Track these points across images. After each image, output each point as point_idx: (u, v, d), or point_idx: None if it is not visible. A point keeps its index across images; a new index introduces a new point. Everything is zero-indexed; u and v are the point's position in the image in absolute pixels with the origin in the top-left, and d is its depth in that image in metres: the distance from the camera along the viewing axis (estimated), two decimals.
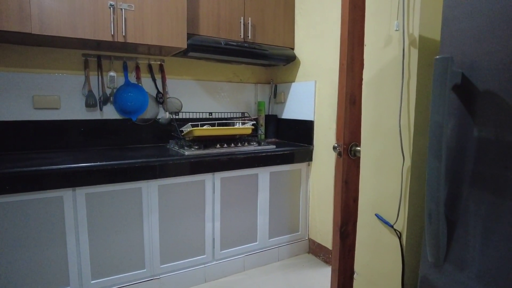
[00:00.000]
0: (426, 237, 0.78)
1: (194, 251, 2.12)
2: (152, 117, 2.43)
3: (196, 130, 2.10)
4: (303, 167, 2.53)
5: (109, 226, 1.83)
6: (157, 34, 1.98)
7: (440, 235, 0.76)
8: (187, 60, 2.55)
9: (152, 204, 1.93)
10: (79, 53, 2.15)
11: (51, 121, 2.10)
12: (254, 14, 2.41)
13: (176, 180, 1.99)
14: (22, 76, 2.01)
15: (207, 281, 2.18)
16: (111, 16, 1.83)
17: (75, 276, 1.76)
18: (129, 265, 1.91)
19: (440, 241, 0.76)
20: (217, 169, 2.10)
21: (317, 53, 2.41)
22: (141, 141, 2.41)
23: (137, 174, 1.84)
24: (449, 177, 0.77)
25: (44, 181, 1.61)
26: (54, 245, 1.70)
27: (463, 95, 0.73)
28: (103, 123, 2.26)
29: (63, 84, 2.12)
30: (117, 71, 2.26)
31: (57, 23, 1.72)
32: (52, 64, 2.09)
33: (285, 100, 2.77)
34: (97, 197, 1.78)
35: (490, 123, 0.69)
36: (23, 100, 2.02)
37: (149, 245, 1.95)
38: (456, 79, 0.73)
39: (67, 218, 1.71)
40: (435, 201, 0.74)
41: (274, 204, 2.41)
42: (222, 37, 2.29)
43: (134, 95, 2.29)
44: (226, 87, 2.75)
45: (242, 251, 2.31)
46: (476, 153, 0.72)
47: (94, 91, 2.18)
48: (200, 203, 2.10)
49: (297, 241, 2.57)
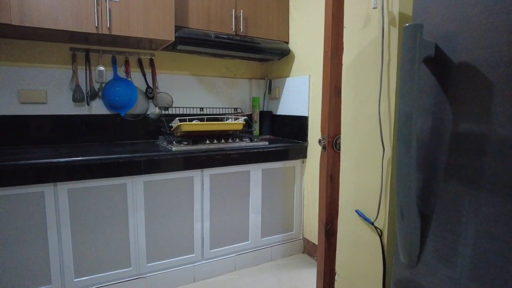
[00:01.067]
0: (397, 236, 0.70)
1: (183, 250, 2.06)
2: (142, 112, 2.38)
3: (184, 125, 2.04)
4: (297, 164, 2.45)
5: (93, 222, 1.78)
6: (144, 26, 1.93)
7: (413, 232, 0.68)
8: (178, 55, 2.50)
9: (138, 201, 1.88)
10: (67, 47, 2.11)
11: (37, 116, 2.06)
12: (247, 7, 2.35)
13: (162, 176, 1.94)
14: (7, 69, 1.97)
15: (196, 280, 2.12)
16: (95, 8, 1.78)
17: (57, 274, 1.71)
18: (114, 263, 1.86)
19: (412, 239, 0.68)
20: (206, 166, 2.04)
21: (311, 47, 2.34)
22: (130, 137, 2.36)
23: (121, 169, 1.79)
24: (423, 167, 0.69)
25: (24, 175, 1.57)
26: (35, 242, 1.65)
27: (437, 69, 0.65)
28: (91, 118, 2.22)
29: (50, 78, 2.08)
30: (106, 65, 2.21)
31: (38, 14, 1.67)
32: (38, 58, 2.06)
33: (280, 95, 2.70)
34: (80, 193, 1.73)
35: (466, 102, 0.61)
36: (8, 94, 1.99)
37: (135, 243, 1.90)
38: (428, 50, 0.65)
39: (48, 214, 1.67)
40: (407, 194, 0.66)
41: (266, 202, 2.34)
42: (213, 30, 2.23)
43: (123, 90, 2.24)
44: (220, 82, 2.69)
45: (233, 250, 2.24)
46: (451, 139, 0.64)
47: (82, 86, 2.14)
48: (188, 200, 2.04)
49: (291, 240, 2.49)
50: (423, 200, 0.70)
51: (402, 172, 0.66)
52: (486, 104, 0.59)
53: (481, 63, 0.59)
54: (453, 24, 0.62)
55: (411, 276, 0.74)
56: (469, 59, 0.61)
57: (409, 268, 0.73)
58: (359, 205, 1.05)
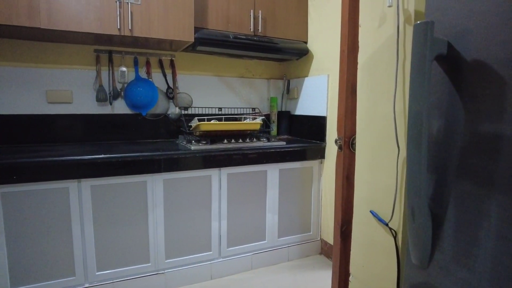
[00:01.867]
0: (409, 237, 0.69)
1: (200, 247, 2.09)
2: (162, 112, 2.43)
3: (203, 125, 2.07)
4: (315, 164, 2.44)
5: (114, 218, 1.84)
6: (164, 28, 1.98)
7: (424, 233, 0.66)
8: (198, 56, 2.54)
9: (157, 198, 1.93)
10: (91, 49, 2.19)
11: (63, 115, 2.15)
12: (265, 7, 2.36)
13: (181, 174, 1.98)
14: (36, 71, 2.07)
15: (213, 278, 2.15)
16: (117, 10, 1.84)
17: (81, 267, 1.78)
18: (133, 259, 1.91)
19: (424, 240, 0.67)
20: (224, 165, 2.06)
21: (330, 46, 2.32)
22: (151, 136, 2.42)
23: (142, 167, 1.84)
24: (434, 167, 0.68)
25: (50, 172, 1.64)
26: (60, 236, 1.73)
27: (449, 67, 0.63)
28: (114, 117, 2.29)
29: (75, 79, 2.17)
30: (128, 66, 2.28)
31: (65, 18, 1.75)
32: (65, 60, 2.15)
33: (298, 95, 2.69)
34: (102, 189, 1.80)
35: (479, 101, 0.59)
36: (37, 94, 2.08)
37: (154, 239, 1.95)
38: (440, 48, 0.63)
39: (72, 210, 1.74)
40: (418, 194, 0.65)
41: (283, 202, 2.34)
42: (231, 30, 2.25)
43: (144, 90, 2.30)
44: (238, 82, 2.71)
45: (250, 249, 2.26)
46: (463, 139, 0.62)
47: (105, 86, 2.22)
48: (206, 199, 2.07)
49: (308, 241, 2.48)
50: (434, 201, 0.69)
51: (413, 172, 0.65)
52: (500, 102, 0.57)
53: (496, 61, 0.57)
54: (466, 20, 0.61)
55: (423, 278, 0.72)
56: (483, 57, 0.59)
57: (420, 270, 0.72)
58: (373, 206, 1.03)
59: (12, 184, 1.60)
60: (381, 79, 0.97)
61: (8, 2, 1.64)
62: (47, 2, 1.71)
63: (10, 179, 1.58)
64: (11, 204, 1.62)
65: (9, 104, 2.03)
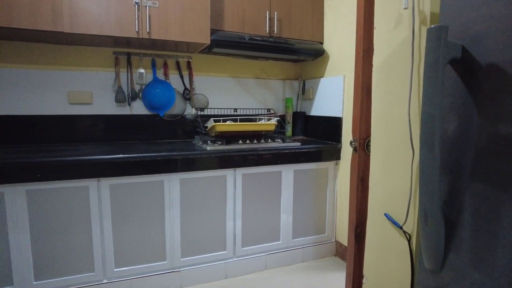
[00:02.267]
0: (421, 240, 0.68)
1: (215, 246, 2.12)
2: (179, 113, 2.47)
3: (218, 126, 2.10)
4: (330, 166, 2.42)
5: (132, 216, 1.88)
6: (181, 30, 2.01)
7: (437, 237, 0.66)
8: (214, 57, 2.57)
9: (174, 197, 1.96)
10: (110, 51, 2.26)
11: (84, 115, 2.22)
12: (281, 8, 2.36)
13: (197, 174, 2.01)
14: (59, 73, 2.15)
15: (228, 277, 2.17)
16: (135, 14, 1.89)
17: (99, 263, 1.84)
18: (150, 256, 1.95)
19: (437, 244, 0.66)
20: (239, 165, 2.08)
21: (346, 47, 2.30)
22: (168, 136, 2.47)
23: (159, 167, 1.88)
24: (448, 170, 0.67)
25: (71, 171, 1.70)
26: (80, 233, 1.79)
27: (463, 71, 0.62)
28: (132, 118, 2.35)
29: (95, 81, 2.23)
30: (146, 68, 2.33)
31: (86, 22, 1.81)
32: (85, 62, 2.21)
33: (313, 96, 2.68)
34: (120, 188, 1.84)
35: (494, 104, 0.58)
36: (59, 95, 2.16)
37: (170, 238, 1.98)
38: (454, 52, 0.62)
39: (92, 207, 1.79)
40: (430, 197, 0.64)
41: (298, 203, 2.34)
42: (247, 32, 2.27)
43: (162, 91, 2.35)
44: (253, 83, 2.73)
45: (264, 249, 2.27)
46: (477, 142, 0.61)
47: (124, 87, 2.27)
48: (221, 198, 2.10)
49: (323, 242, 2.47)
50: (448, 204, 0.68)
51: (426, 175, 0.64)
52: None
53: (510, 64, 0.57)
54: (481, 24, 0.60)
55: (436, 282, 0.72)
56: (497, 60, 0.58)
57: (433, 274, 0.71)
58: (388, 209, 1.03)
59: (36, 182, 1.66)
60: (396, 82, 0.96)
61: (33, 8, 1.71)
62: (70, 7, 1.77)
63: (34, 177, 1.64)
64: (35, 201, 1.69)
65: (34, 105, 2.11)
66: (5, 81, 2.04)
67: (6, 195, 1.64)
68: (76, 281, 1.80)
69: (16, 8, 1.68)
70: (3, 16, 1.67)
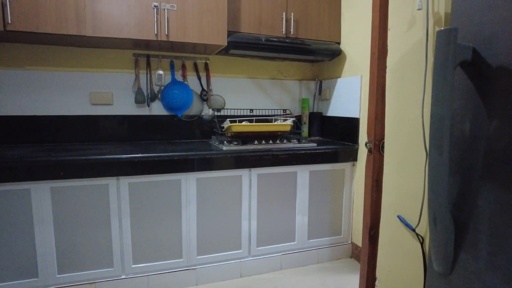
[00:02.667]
0: (430, 243, 0.68)
1: (230, 245, 2.14)
2: (197, 113, 2.51)
3: (234, 126, 2.12)
4: (347, 167, 2.41)
5: (149, 214, 1.93)
6: (198, 33, 2.05)
7: (447, 240, 0.65)
8: (231, 58, 2.59)
9: (190, 196, 2.00)
10: (130, 53, 2.32)
11: (105, 115, 2.30)
12: (297, 9, 2.36)
13: (213, 174, 2.04)
14: (81, 75, 2.23)
15: (243, 276, 2.19)
16: (154, 16, 1.94)
17: (118, 259, 1.90)
18: (167, 254, 2.00)
19: (446, 247, 0.65)
20: (254, 165, 2.10)
21: (363, 47, 2.28)
22: (186, 137, 2.51)
23: (176, 166, 1.92)
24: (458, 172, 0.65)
25: (92, 169, 1.77)
26: (100, 229, 1.85)
27: (474, 73, 0.61)
28: (151, 118, 2.41)
29: (116, 82, 2.30)
30: (164, 69, 2.38)
31: (107, 25, 1.87)
32: (106, 64, 2.29)
33: (330, 96, 2.67)
34: (139, 187, 1.90)
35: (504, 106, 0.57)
36: (81, 96, 2.24)
37: (187, 236, 2.02)
38: (464, 55, 0.61)
39: (111, 205, 1.85)
40: (439, 200, 0.63)
41: (314, 204, 2.34)
42: (263, 33, 2.28)
43: (180, 93, 2.40)
44: (270, 84, 2.74)
45: (279, 250, 2.27)
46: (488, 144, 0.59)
47: (143, 89, 2.33)
48: (236, 198, 2.12)
49: (339, 244, 2.45)
50: (458, 207, 0.67)
51: (435, 177, 0.64)
52: None
53: None
54: (493, 26, 0.59)
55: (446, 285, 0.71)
56: (509, 62, 0.57)
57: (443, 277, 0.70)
58: (401, 211, 1.02)
59: (59, 179, 1.73)
60: (410, 83, 0.95)
61: (59, 13, 1.78)
62: (92, 12, 1.84)
63: (58, 175, 1.72)
64: (58, 197, 1.76)
65: (58, 106, 2.20)
66: (32, 83, 2.14)
67: (33, 191, 1.72)
68: (96, 276, 1.86)
69: (43, 14, 1.76)
70: (31, 21, 1.75)
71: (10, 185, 1.68)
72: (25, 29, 1.75)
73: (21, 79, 2.13)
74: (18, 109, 2.13)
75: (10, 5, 1.71)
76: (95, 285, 1.87)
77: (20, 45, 2.12)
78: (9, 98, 2.11)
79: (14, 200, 1.70)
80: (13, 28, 1.73)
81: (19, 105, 2.13)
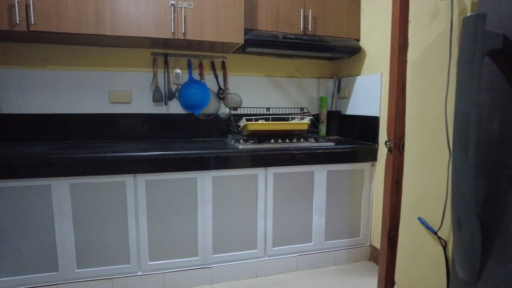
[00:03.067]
0: (455, 248, 0.63)
1: (246, 245, 2.13)
2: (213, 112, 2.51)
3: (250, 125, 2.11)
4: (366, 167, 2.34)
5: (166, 211, 1.94)
6: (215, 31, 2.04)
7: (473, 245, 0.60)
8: (248, 56, 2.58)
9: (206, 194, 2.00)
10: (148, 52, 2.34)
11: (124, 114, 2.33)
12: (315, 6, 2.32)
13: (229, 172, 2.03)
14: (100, 74, 2.27)
15: (258, 276, 2.17)
16: (171, 15, 1.94)
17: (135, 256, 1.92)
18: (183, 251, 2.00)
19: (472, 253, 0.60)
20: (270, 164, 2.07)
21: (383, 43, 2.21)
22: (203, 135, 2.52)
23: (192, 164, 1.92)
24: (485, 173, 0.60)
25: (110, 166, 1.79)
26: (117, 226, 1.87)
27: (504, 63, 0.56)
28: (168, 117, 2.42)
29: (134, 81, 2.33)
30: (182, 68, 2.39)
31: (125, 25, 1.89)
32: (125, 63, 2.32)
33: (349, 95, 2.61)
34: (156, 184, 1.91)
35: None
36: (101, 95, 2.28)
37: (202, 234, 2.02)
38: (494, 43, 0.56)
39: (128, 202, 1.87)
40: (464, 202, 0.58)
41: (331, 205, 2.29)
42: (281, 30, 2.25)
43: (197, 91, 2.40)
44: (287, 82, 2.70)
45: (295, 250, 2.24)
46: None
47: (161, 87, 2.35)
48: (252, 197, 2.10)
49: (357, 246, 2.39)
50: (484, 208, 0.62)
51: (459, 178, 0.59)
52: None
53: None
54: None
55: None
56: None
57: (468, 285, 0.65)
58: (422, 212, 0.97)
59: (78, 176, 1.77)
60: (432, 78, 0.90)
61: (79, 14, 1.82)
62: (111, 11, 1.86)
63: (77, 172, 1.75)
64: (77, 194, 1.79)
65: (78, 104, 2.25)
66: (53, 82, 2.20)
67: (53, 187, 1.76)
68: (113, 272, 1.89)
69: (64, 14, 1.80)
70: (53, 22, 1.79)
71: (32, 180, 1.73)
72: (47, 29, 1.80)
73: (43, 78, 2.19)
74: (40, 107, 2.19)
75: (33, 6, 1.76)
76: (112, 281, 1.89)
77: (42, 45, 2.18)
78: (32, 96, 2.18)
79: (35, 195, 1.75)
80: (36, 29, 1.78)
81: (41, 103, 2.19)
